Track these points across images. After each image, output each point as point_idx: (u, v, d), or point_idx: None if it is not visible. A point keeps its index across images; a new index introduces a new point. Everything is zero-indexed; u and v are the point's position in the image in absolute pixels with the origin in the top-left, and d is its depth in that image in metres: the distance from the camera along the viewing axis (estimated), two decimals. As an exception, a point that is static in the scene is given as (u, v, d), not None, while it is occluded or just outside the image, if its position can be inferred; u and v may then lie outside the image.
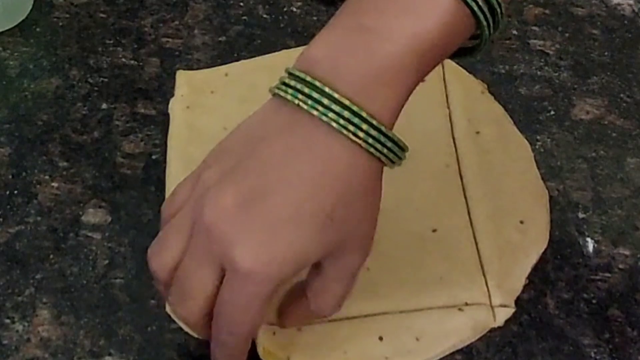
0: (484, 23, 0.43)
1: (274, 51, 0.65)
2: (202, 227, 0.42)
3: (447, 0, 0.42)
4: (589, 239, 0.56)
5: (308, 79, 0.42)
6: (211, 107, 0.61)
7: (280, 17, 0.67)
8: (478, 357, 0.51)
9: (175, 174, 0.57)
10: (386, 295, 0.52)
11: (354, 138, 0.41)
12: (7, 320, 0.52)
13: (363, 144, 0.41)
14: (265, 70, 0.63)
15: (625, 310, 0.53)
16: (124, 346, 0.51)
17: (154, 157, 0.59)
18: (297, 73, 0.42)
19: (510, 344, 0.52)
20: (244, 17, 0.67)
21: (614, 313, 0.53)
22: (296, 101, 0.42)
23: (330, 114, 0.41)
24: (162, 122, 0.61)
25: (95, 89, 0.63)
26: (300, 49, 0.64)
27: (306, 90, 0.42)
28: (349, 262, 0.44)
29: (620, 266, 0.55)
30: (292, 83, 0.42)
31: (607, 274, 0.55)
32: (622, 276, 0.55)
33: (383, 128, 0.42)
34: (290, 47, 0.65)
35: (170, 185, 0.57)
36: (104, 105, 0.62)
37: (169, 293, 0.45)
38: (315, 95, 0.41)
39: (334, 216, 0.42)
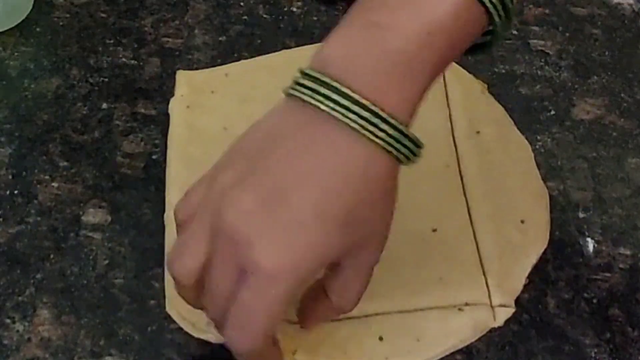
0: (497, 19, 0.43)
1: (274, 51, 0.65)
2: (223, 230, 0.42)
3: None
4: (589, 239, 0.56)
5: (325, 79, 0.42)
6: (211, 107, 0.61)
7: (280, 17, 0.67)
8: (478, 357, 0.51)
9: (175, 174, 0.57)
10: (386, 295, 0.52)
11: (373, 138, 0.41)
12: (8, 320, 0.52)
13: (382, 144, 0.41)
14: (265, 70, 0.63)
15: (625, 310, 0.53)
16: (124, 346, 0.51)
17: (154, 157, 0.59)
18: (313, 73, 0.42)
19: (510, 344, 0.52)
20: (244, 17, 0.67)
21: (614, 313, 0.53)
22: (314, 102, 0.42)
23: (350, 115, 0.41)
24: (162, 122, 0.61)
25: (96, 88, 0.63)
26: (300, 49, 0.65)
27: (323, 90, 0.41)
28: (367, 259, 0.45)
29: (621, 266, 0.55)
30: (308, 83, 0.42)
31: (608, 274, 0.55)
32: (623, 276, 0.55)
33: (402, 127, 0.42)
34: (290, 47, 0.65)
35: (170, 185, 0.57)
36: (104, 105, 0.62)
37: (195, 298, 0.45)
38: (334, 96, 0.41)
39: (353, 215, 0.42)
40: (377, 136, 0.41)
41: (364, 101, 0.41)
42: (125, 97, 0.62)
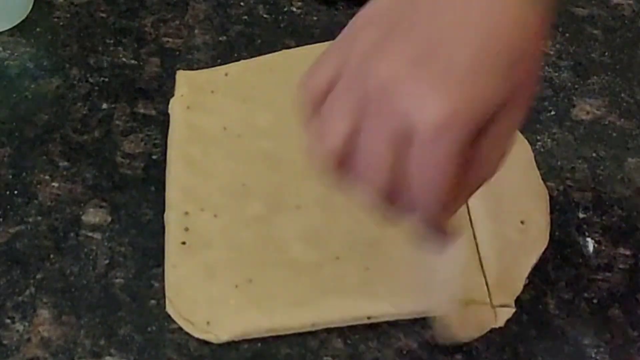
0: None
1: (274, 51, 0.65)
2: (377, 88, 0.39)
3: None
4: (589, 239, 0.56)
5: None
6: (211, 107, 0.61)
7: (280, 17, 0.67)
8: (478, 357, 0.51)
9: (175, 174, 0.57)
10: (386, 295, 0.52)
11: None
12: (8, 320, 0.52)
13: None
14: (265, 70, 0.63)
15: (625, 310, 0.53)
16: (124, 346, 0.51)
17: (154, 157, 0.59)
18: None
19: (510, 344, 0.52)
20: (244, 17, 0.67)
21: (614, 313, 0.53)
22: None
23: None
24: (162, 122, 0.61)
25: (96, 88, 0.63)
26: (300, 49, 0.65)
27: None
28: (515, 117, 0.43)
29: (621, 266, 0.55)
30: None
31: (608, 274, 0.55)
32: (623, 276, 0.55)
33: None
34: (290, 47, 0.65)
35: (170, 185, 0.57)
36: (104, 105, 0.62)
37: (345, 174, 0.42)
38: None
39: (510, 65, 0.40)
40: None
41: None
42: (125, 97, 0.62)
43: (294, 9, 0.68)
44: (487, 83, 0.40)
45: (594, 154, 0.61)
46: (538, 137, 0.61)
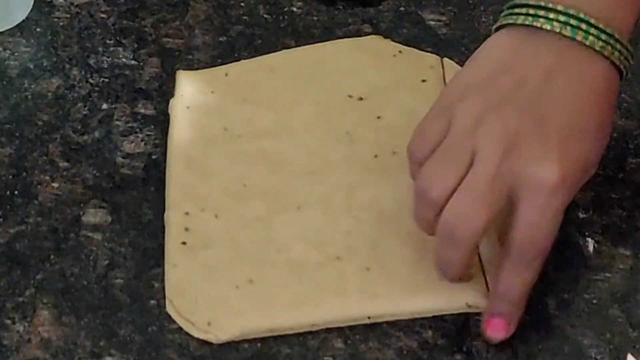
0: None
1: (274, 51, 0.65)
2: (489, 154, 0.46)
3: None
4: (589, 239, 0.56)
5: (560, 8, 0.47)
6: (211, 107, 0.61)
7: (281, 17, 0.67)
8: (478, 357, 0.51)
9: (175, 174, 0.57)
10: (386, 295, 0.52)
11: (611, 57, 0.48)
12: (8, 321, 0.52)
13: (617, 61, 0.49)
14: (265, 70, 0.63)
15: (625, 311, 0.53)
16: (124, 346, 0.51)
17: (154, 157, 0.59)
18: (546, 4, 0.48)
19: (510, 345, 0.52)
20: (245, 17, 0.67)
21: (614, 313, 0.53)
22: (556, 29, 0.47)
23: (590, 37, 0.47)
24: (162, 122, 0.61)
25: (96, 89, 0.63)
26: (300, 49, 0.65)
27: (561, 18, 0.47)
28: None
29: (621, 266, 0.55)
30: (542, 13, 0.48)
31: (608, 274, 0.55)
32: (623, 276, 0.55)
33: (629, 46, 0.49)
34: (290, 47, 0.65)
35: (170, 185, 0.57)
36: (105, 106, 0.62)
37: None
38: (572, 21, 0.47)
39: (602, 128, 0.49)
40: (613, 55, 0.48)
41: (600, 24, 0.47)
42: (125, 97, 0.62)
43: (294, 9, 0.68)
44: (585, 149, 0.48)
45: (594, 154, 0.60)
46: (538, 137, 0.61)
